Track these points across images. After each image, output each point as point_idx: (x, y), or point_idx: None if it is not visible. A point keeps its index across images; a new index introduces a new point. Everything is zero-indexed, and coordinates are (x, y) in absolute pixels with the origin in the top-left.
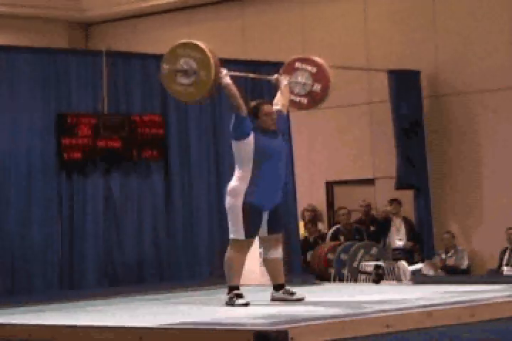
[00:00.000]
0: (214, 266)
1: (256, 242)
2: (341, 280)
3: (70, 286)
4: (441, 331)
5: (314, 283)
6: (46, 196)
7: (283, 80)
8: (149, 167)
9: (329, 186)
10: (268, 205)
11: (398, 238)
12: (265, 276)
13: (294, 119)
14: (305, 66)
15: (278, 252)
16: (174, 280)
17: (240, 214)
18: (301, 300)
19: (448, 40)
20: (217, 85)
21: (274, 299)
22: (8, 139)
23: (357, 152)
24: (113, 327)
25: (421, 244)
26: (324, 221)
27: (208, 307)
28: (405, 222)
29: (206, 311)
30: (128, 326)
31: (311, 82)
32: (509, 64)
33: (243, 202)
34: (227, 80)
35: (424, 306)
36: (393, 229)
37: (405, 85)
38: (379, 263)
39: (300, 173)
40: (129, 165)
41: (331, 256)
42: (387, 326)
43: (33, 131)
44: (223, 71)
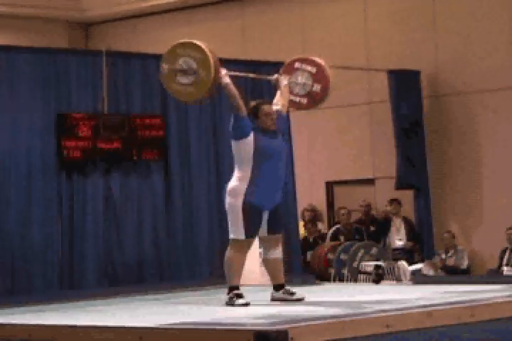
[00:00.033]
0: (214, 266)
1: (256, 242)
2: (341, 280)
3: (70, 286)
4: (441, 331)
5: (314, 283)
6: (46, 196)
7: (283, 80)
8: (149, 167)
9: (329, 186)
10: (268, 205)
11: (398, 238)
12: (265, 276)
13: (294, 119)
14: (305, 66)
15: (278, 252)
16: (174, 280)
17: (240, 214)
18: (301, 300)
19: (448, 40)
20: (217, 85)
21: (274, 299)
22: (8, 139)
23: (357, 152)
24: (113, 327)
25: (421, 244)
26: (324, 221)
27: (208, 307)
28: (405, 222)
29: (206, 311)
30: (128, 326)
31: (311, 82)
32: (509, 64)
33: (243, 202)
34: (226, 80)
35: (424, 306)
36: (393, 229)
37: (405, 85)
38: (379, 263)
39: (300, 173)
40: (129, 165)
41: (331, 256)
42: (387, 326)
43: (33, 131)
44: (223, 71)
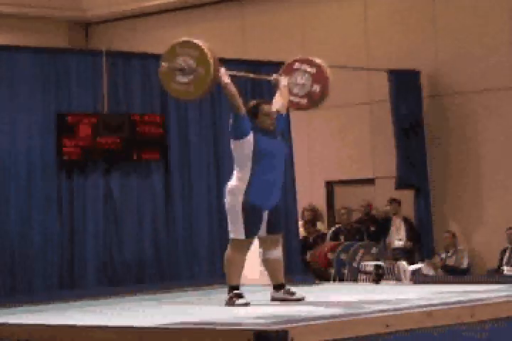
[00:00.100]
0: (214, 266)
1: (256, 242)
2: (341, 280)
3: (70, 286)
4: (441, 331)
5: (314, 283)
6: (46, 196)
7: (282, 81)
8: (149, 167)
9: (329, 186)
10: (268, 205)
11: (398, 238)
12: (265, 276)
13: (294, 119)
14: (304, 67)
15: (278, 252)
16: (174, 280)
17: (240, 213)
18: (301, 300)
19: (448, 40)
20: (216, 84)
21: (274, 299)
22: (8, 139)
23: (357, 152)
24: (113, 327)
25: (421, 244)
26: (324, 221)
27: (208, 307)
28: (405, 222)
29: (206, 311)
30: (128, 326)
31: (311, 83)
32: (509, 64)
33: (243, 202)
34: (226, 79)
35: (424, 306)
36: (393, 229)
37: (405, 85)
38: (379, 263)
39: (300, 173)
40: (129, 165)
41: (331, 256)
42: (387, 326)
43: (33, 131)
44: (222, 70)
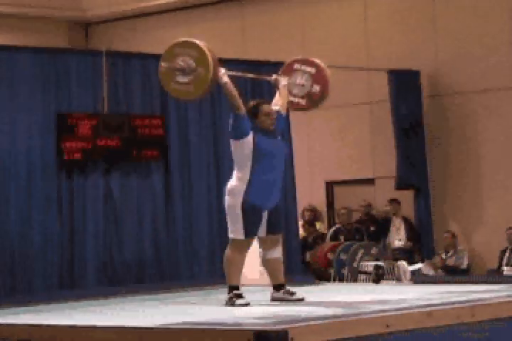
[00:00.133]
0: (214, 266)
1: (256, 242)
2: (341, 280)
3: (70, 286)
4: (441, 331)
5: (314, 283)
6: (46, 196)
7: (282, 81)
8: (149, 167)
9: (329, 186)
10: (267, 205)
11: (398, 238)
12: (265, 276)
13: (294, 119)
14: (304, 67)
15: (278, 252)
16: (174, 280)
17: (240, 213)
18: (301, 300)
19: (448, 40)
20: (215, 84)
21: (274, 299)
22: (8, 139)
23: (357, 152)
24: (113, 327)
25: (421, 244)
26: (324, 221)
27: (208, 307)
28: (405, 222)
29: (206, 311)
30: (128, 326)
31: (310, 83)
32: (509, 64)
33: (242, 202)
34: (225, 79)
35: (424, 306)
36: (393, 229)
37: (405, 85)
38: (379, 263)
39: (300, 173)
40: (129, 165)
41: (331, 256)
42: (387, 326)
43: (33, 131)
44: (222, 70)
